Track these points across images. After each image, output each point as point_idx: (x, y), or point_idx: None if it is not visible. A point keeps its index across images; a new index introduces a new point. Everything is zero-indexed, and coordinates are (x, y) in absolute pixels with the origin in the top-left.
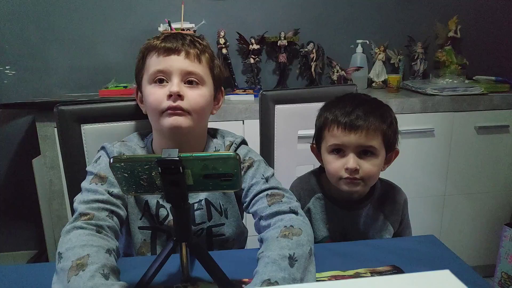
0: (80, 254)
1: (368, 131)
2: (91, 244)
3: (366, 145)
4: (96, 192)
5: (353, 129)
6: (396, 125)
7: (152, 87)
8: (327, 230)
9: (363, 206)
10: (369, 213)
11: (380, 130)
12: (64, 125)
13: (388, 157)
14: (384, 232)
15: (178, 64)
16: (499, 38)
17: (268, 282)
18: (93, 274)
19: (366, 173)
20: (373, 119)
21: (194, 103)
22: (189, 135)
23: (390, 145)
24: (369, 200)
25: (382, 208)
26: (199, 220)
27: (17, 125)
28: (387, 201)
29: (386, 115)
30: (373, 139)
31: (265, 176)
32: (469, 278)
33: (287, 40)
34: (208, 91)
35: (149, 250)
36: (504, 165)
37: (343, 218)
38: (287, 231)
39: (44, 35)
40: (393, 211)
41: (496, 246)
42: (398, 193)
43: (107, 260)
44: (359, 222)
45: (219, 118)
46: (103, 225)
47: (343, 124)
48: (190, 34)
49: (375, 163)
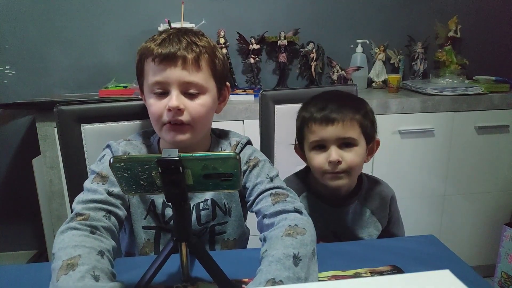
0: (71, 254)
1: (344, 122)
2: (83, 245)
3: (345, 137)
4: (95, 192)
5: (329, 121)
6: (372, 115)
7: (152, 99)
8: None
9: (350, 202)
10: (356, 210)
11: (355, 120)
12: (64, 125)
13: (370, 148)
14: (372, 228)
15: (176, 75)
16: (499, 38)
17: (273, 281)
18: (83, 275)
19: (349, 164)
20: (347, 110)
21: (195, 114)
22: (192, 143)
23: (369, 136)
24: (356, 197)
25: (368, 204)
26: (204, 220)
27: (17, 125)
28: (373, 197)
29: (360, 106)
30: (350, 130)
31: (269, 175)
32: (469, 278)
33: (287, 40)
34: (210, 96)
35: (152, 249)
36: (504, 165)
37: (330, 215)
38: (292, 230)
39: (44, 35)
40: (379, 207)
41: (496, 246)
42: (384, 189)
43: (99, 262)
44: (347, 218)
45: (219, 118)
46: (97, 226)
47: (319, 119)
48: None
49: (357, 153)
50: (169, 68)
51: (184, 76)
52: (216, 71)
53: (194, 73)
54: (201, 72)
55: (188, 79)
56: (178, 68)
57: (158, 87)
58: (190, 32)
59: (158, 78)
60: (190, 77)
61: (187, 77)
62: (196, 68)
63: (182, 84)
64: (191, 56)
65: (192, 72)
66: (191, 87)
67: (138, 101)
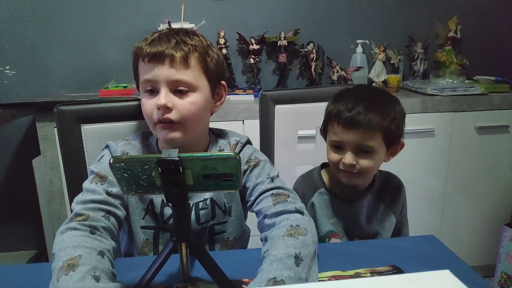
0: (71, 255)
1: (366, 129)
2: (83, 246)
3: (364, 144)
4: (94, 192)
5: (352, 126)
6: (400, 118)
7: (144, 97)
8: (331, 225)
9: (364, 197)
10: (370, 204)
11: (379, 127)
12: (64, 125)
13: (393, 149)
14: (386, 222)
15: (164, 73)
16: (499, 38)
17: (274, 281)
18: (84, 275)
19: (363, 168)
20: (373, 115)
21: (185, 112)
22: (187, 141)
23: (393, 139)
24: (369, 191)
25: (382, 198)
26: (203, 219)
27: (17, 125)
28: (387, 190)
29: (389, 110)
30: (370, 139)
31: (270, 176)
32: (469, 278)
33: (287, 40)
34: (202, 95)
35: (151, 249)
36: (504, 165)
37: (346, 211)
38: (293, 230)
39: (44, 35)
40: (393, 200)
41: (496, 246)
42: (396, 182)
43: (99, 262)
44: (362, 213)
45: (219, 118)
46: (97, 226)
47: (343, 121)
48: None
49: (373, 159)
50: (157, 66)
51: (172, 74)
52: (208, 69)
53: (183, 70)
54: (190, 70)
55: (176, 77)
56: (166, 66)
57: (148, 85)
58: (181, 32)
59: (148, 77)
60: (178, 75)
61: (175, 75)
62: (184, 66)
63: (170, 82)
64: (179, 54)
65: (180, 70)
66: (180, 85)
67: (138, 101)
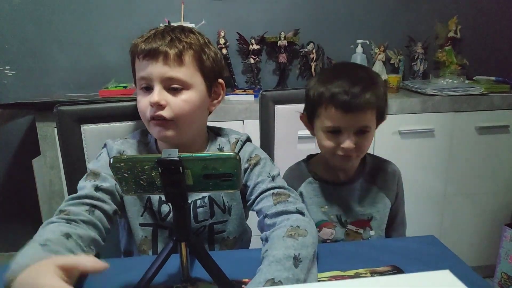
0: (40, 236)
1: (364, 110)
2: (53, 231)
3: (363, 125)
4: (82, 188)
5: (351, 110)
6: (385, 89)
7: (139, 94)
8: (323, 214)
9: (356, 180)
10: (362, 186)
11: (375, 106)
12: (64, 125)
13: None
14: (380, 204)
15: (157, 71)
16: (499, 38)
17: (272, 281)
18: (33, 245)
19: (362, 149)
20: (369, 94)
21: (178, 110)
22: (182, 139)
23: (383, 114)
24: (361, 174)
25: (374, 180)
26: (201, 217)
27: (17, 125)
28: (379, 173)
29: (378, 86)
30: (367, 119)
31: (271, 174)
32: (469, 278)
33: (287, 40)
34: (196, 92)
35: (150, 247)
36: (504, 165)
37: (337, 196)
38: (293, 231)
39: (44, 35)
40: (386, 182)
41: (496, 246)
42: (389, 165)
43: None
44: (354, 196)
45: (219, 118)
46: (76, 219)
47: (340, 104)
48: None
49: (369, 138)
50: (151, 63)
51: (166, 72)
52: (204, 67)
53: (176, 68)
54: (184, 67)
55: (169, 74)
56: (160, 64)
57: (143, 82)
58: (177, 29)
59: (142, 74)
60: (171, 72)
61: (168, 72)
62: (178, 63)
63: (164, 80)
64: (173, 51)
65: (174, 67)
66: (173, 83)
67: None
